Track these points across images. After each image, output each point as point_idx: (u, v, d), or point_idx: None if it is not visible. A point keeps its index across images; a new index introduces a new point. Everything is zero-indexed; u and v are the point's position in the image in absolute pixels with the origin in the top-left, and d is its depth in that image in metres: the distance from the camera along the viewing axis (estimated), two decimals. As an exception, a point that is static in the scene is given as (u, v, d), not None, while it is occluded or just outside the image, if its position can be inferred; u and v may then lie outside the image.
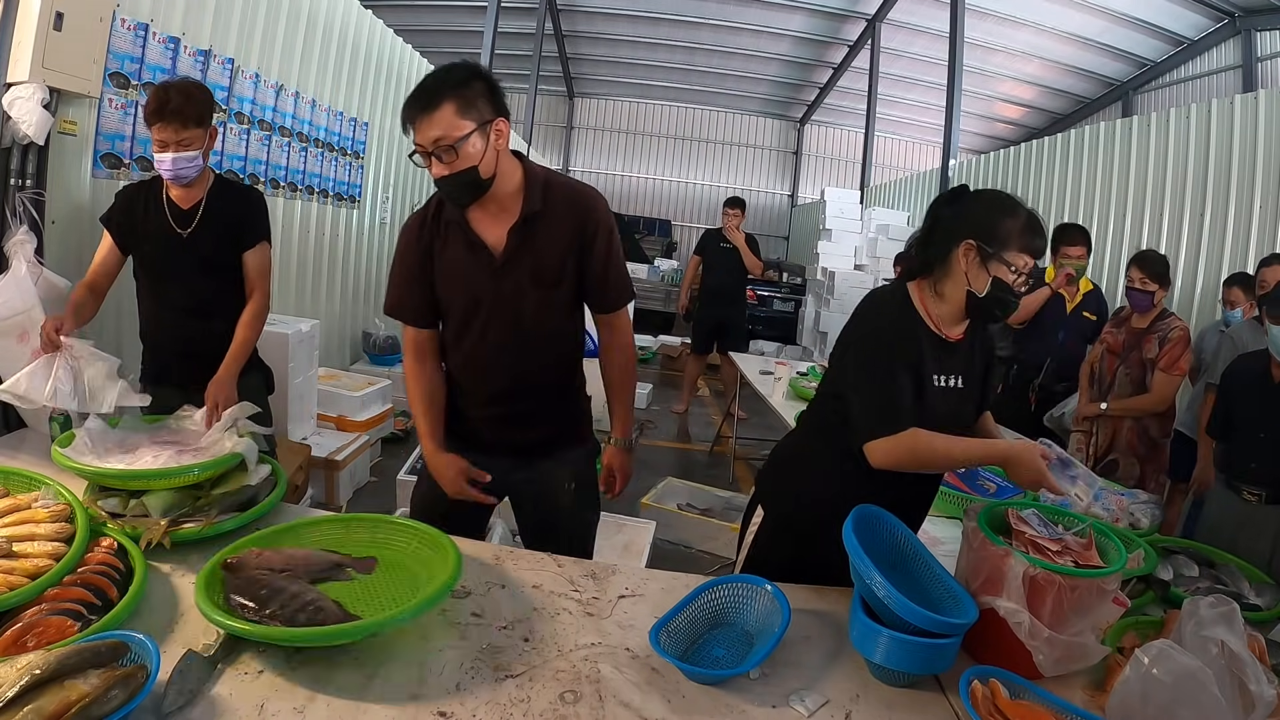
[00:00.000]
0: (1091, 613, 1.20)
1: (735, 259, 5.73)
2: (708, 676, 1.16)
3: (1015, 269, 1.38)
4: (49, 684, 0.88)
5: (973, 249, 1.39)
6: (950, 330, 1.46)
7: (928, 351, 1.43)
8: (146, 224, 2.02)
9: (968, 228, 1.41)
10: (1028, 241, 1.39)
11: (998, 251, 1.38)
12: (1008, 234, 1.38)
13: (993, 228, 1.39)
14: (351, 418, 3.87)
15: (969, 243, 1.39)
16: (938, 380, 1.43)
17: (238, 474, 1.55)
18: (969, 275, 1.40)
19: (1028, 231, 1.39)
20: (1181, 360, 2.85)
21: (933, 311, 1.46)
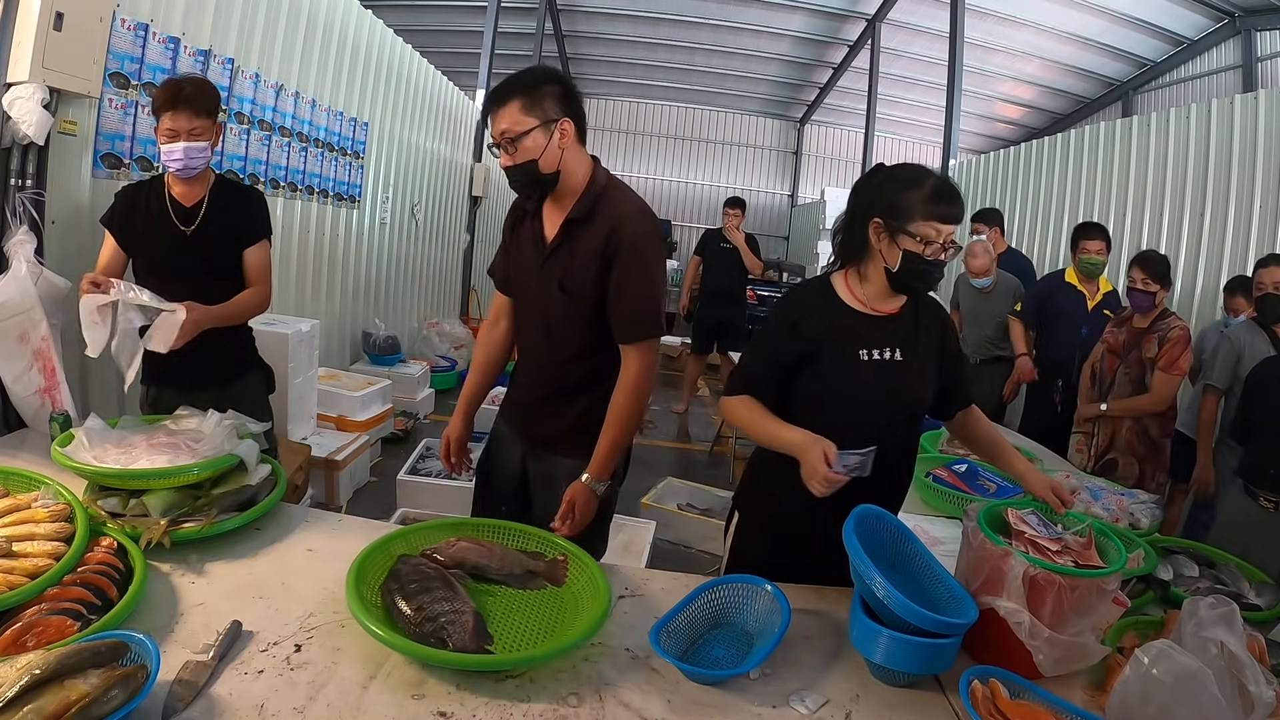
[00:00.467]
0: (1091, 613, 1.20)
1: (735, 259, 5.73)
2: (708, 676, 1.16)
3: (923, 238, 1.39)
4: (49, 684, 0.88)
5: (880, 226, 1.43)
6: (881, 306, 1.50)
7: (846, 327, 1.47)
8: (149, 223, 2.02)
9: (875, 206, 1.45)
10: (931, 210, 1.39)
11: (903, 225, 1.40)
12: (910, 206, 1.40)
13: (895, 203, 1.42)
14: (351, 418, 3.87)
15: (876, 221, 1.44)
16: (865, 354, 1.46)
17: (238, 474, 1.55)
18: (883, 253, 1.44)
19: (931, 200, 1.39)
20: (1181, 360, 2.85)
21: (857, 291, 1.50)
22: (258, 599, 1.26)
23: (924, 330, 1.52)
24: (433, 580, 1.23)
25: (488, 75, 7.81)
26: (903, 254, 1.40)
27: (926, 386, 1.53)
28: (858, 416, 1.44)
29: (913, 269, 1.41)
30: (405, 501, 3.08)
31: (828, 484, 1.30)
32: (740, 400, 1.50)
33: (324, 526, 1.57)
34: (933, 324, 1.54)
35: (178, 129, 1.93)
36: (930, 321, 1.54)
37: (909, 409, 1.52)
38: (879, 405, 1.45)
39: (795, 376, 1.48)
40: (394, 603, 1.19)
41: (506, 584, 1.34)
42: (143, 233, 2.01)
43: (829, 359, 1.45)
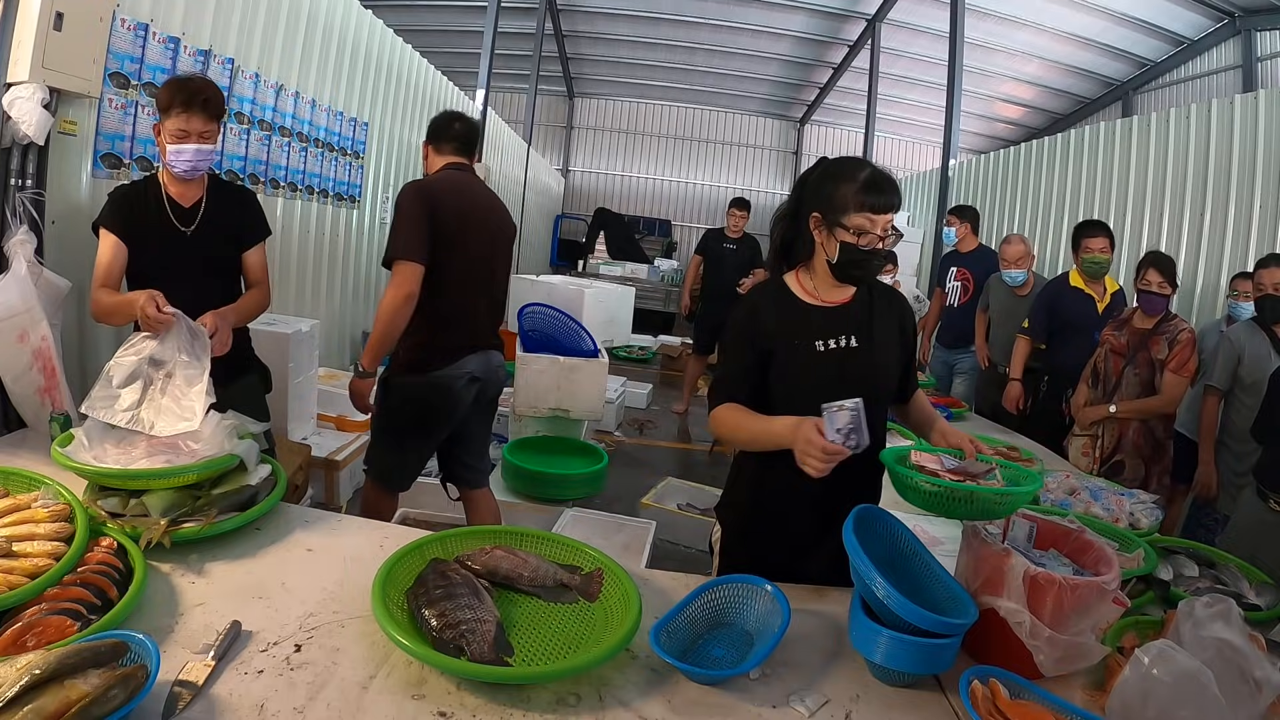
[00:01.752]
0: (1091, 613, 1.20)
1: (737, 259, 5.72)
2: (708, 676, 1.16)
3: (856, 229, 1.43)
4: (49, 684, 0.87)
5: (819, 220, 1.47)
6: (832, 296, 1.53)
7: (799, 322, 1.50)
8: (148, 224, 2.01)
9: (810, 204, 1.49)
10: (863, 200, 1.42)
11: (838, 218, 1.44)
12: (843, 199, 1.43)
13: (830, 197, 1.45)
14: (351, 418, 3.87)
15: (815, 216, 1.48)
16: (822, 345, 1.49)
17: (238, 474, 1.55)
18: (823, 246, 1.48)
19: (861, 191, 1.42)
20: (1190, 362, 2.87)
21: (807, 285, 1.54)
22: (258, 599, 1.26)
23: (879, 315, 1.56)
24: (459, 587, 1.22)
25: (488, 75, 7.81)
26: (840, 245, 1.45)
27: (888, 369, 1.57)
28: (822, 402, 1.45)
29: (850, 259, 1.45)
30: (405, 502, 3.08)
31: (826, 456, 1.27)
32: (724, 409, 1.51)
33: (324, 526, 1.57)
34: (889, 308, 1.59)
35: (190, 130, 1.93)
36: (885, 306, 1.58)
37: (874, 394, 1.51)
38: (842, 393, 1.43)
39: (763, 377, 1.51)
40: (417, 607, 1.19)
41: (537, 595, 1.32)
42: (143, 234, 2.00)
43: (787, 353, 1.49)
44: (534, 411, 3.07)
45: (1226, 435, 3.01)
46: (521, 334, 3.25)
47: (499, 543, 1.42)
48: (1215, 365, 2.99)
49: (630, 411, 5.87)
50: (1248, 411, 2.79)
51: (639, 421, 5.68)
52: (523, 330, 3.24)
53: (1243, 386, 2.92)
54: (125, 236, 1.99)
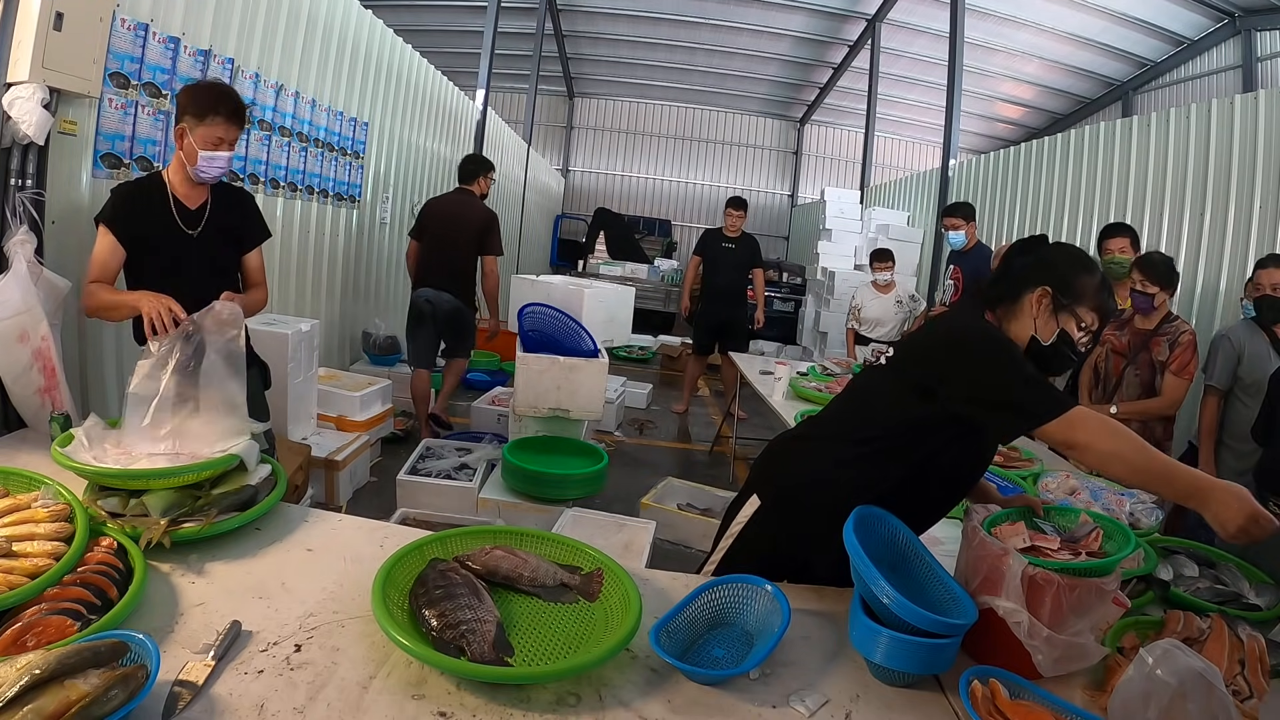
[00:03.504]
0: (1091, 613, 1.20)
1: (736, 258, 5.72)
2: (708, 676, 1.16)
3: (1084, 325, 1.40)
4: (49, 684, 0.87)
5: (1047, 296, 1.41)
6: None
7: None
8: (153, 224, 2.02)
9: (1044, 275, 1.42)
10: (1101, 301, 1.41)
11: (1071, 304, 1.40)
12: (1084, 289, 1.40)
13: (1071, 280, 1.41)
14: (351, 418, 3.87)
15: (1045, 289, 1.41)
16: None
17: (238, 474, 1.55)
18: (1037, 321, 1.42)
19: (1103, 290, 1.41)
20: (1191, 364, 2.86)
21: None
22: (258, 599, 1.26)
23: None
24: (459, 587, 1.22)
25: (488, 75, 7.81)
26: (1060, 332, 1.40)
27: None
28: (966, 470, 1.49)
29: (1059, 350, 1.41)
30: (405, 501, 3.08)
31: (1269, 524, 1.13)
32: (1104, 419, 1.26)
33: (324, 526, 1.57)
34: None
35: (223, 138, 1.99)
36: None
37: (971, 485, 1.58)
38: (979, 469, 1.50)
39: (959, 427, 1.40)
40: (418, 607, 1.19)
41: (538, 595, 1.32)
42: (148, 234, 2.02)
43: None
44: (534, 411, 3.07)
45: (1226, 435, 3.01)
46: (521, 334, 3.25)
47: (499, 543, 1.42)
48: (1215, 365, 2.99)
49: (630, 411, 5.87)
50: (1247, 412, 2.79)
51: (639, 421, 5.68)
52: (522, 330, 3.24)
53: (1242, 386, 2.92)
54: (128, 235, 2.00)
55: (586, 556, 1.42)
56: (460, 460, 3.40)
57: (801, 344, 9.33)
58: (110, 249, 1.99)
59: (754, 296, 5.98)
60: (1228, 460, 2.98)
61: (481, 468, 3.33)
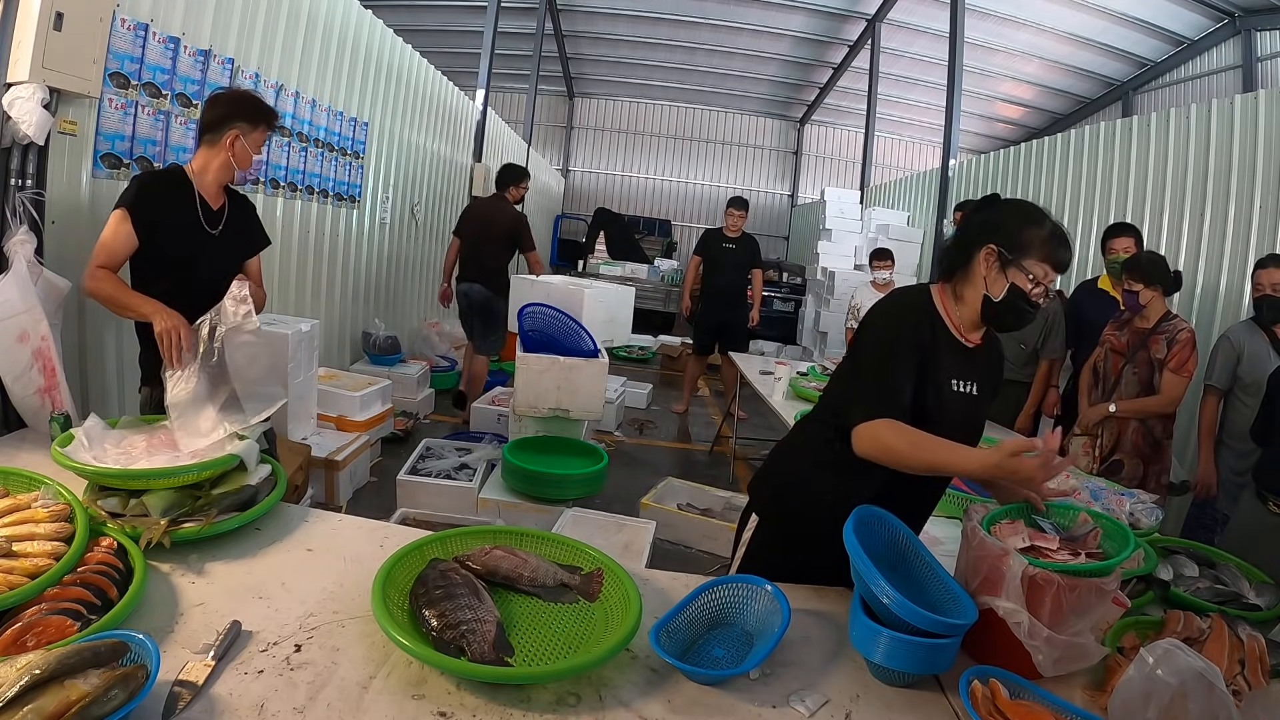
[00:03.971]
0: (1091, 613, 1.20)
1: (736, 259, 5.72)
2: (708, 676, 1.16)
3: (1034, 278, 1.38)
4: (49, 684, 0.87)
5: (993, 254, 1.41)
6: (970, 336, 1.48)
7: (947, 355, 1.44)
8: (177, 217, 2.04)
9: (990, 233, 1.42)
10: (1049, 251, 1.38)
11: (1017, 258, 1.39)
12: (1029, 241, 1.39)
13: (1015, 234, 1.40)
14: (351, 418, 3.87)
15: (990, 247, 1.41)
16: (955, 385, 1.44)
17: (237, 474, 1.55)
18: (987, 280, 1.42)
19: (1051, 241, 1.38)
20: (1190, 361, 2.86)
21: (953, 315, 1.47)
22: (258, 599, 1.26)
23: (994, 368, 1.54)
24: (459, 587, 1.22)
25: (488, 75, 7.81)
26: (1009, 286, 1.39)
27: (984, 421, 1.57)
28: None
29: (1013, 304, 1.40)
30: (405, 501, 3.08)
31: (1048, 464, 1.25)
32: (889, 425, 1.35)
33: (324, 526, 1.57)
34: (999, 362, 1.57)
35: (261, 144, 2.12)
36: (998, 359, 1.56)
37: (975, 441, 1.53)
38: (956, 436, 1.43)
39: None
40: (418, 607, 1.19)
41: (538, 596, 1.32)
42: (172, 227, 2.03)
43: (932, 386, 1.42)
44: (534, 411, 3.07)
45: (1226, 435, 3.01)
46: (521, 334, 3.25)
47: (499, 543, 1.42)
48: (1215, 365, 2.99)
49: (630, 411, 5.87)
50: (1247, 411, 2.79)
51: (639, 421, 5.68)
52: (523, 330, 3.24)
53: (1242, 386, 2.92)
54: (148, 224, 1.98)
55: (586, 556, 1.42)
56: (460, 460, 3.40)
57: (801, 344, 9.33)
58: (125, 236, 1.97)
59: (753, 297, 5.98)
60: (1228, 459, 2.98)
61: (481, 468, 3.32)
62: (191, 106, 2.95)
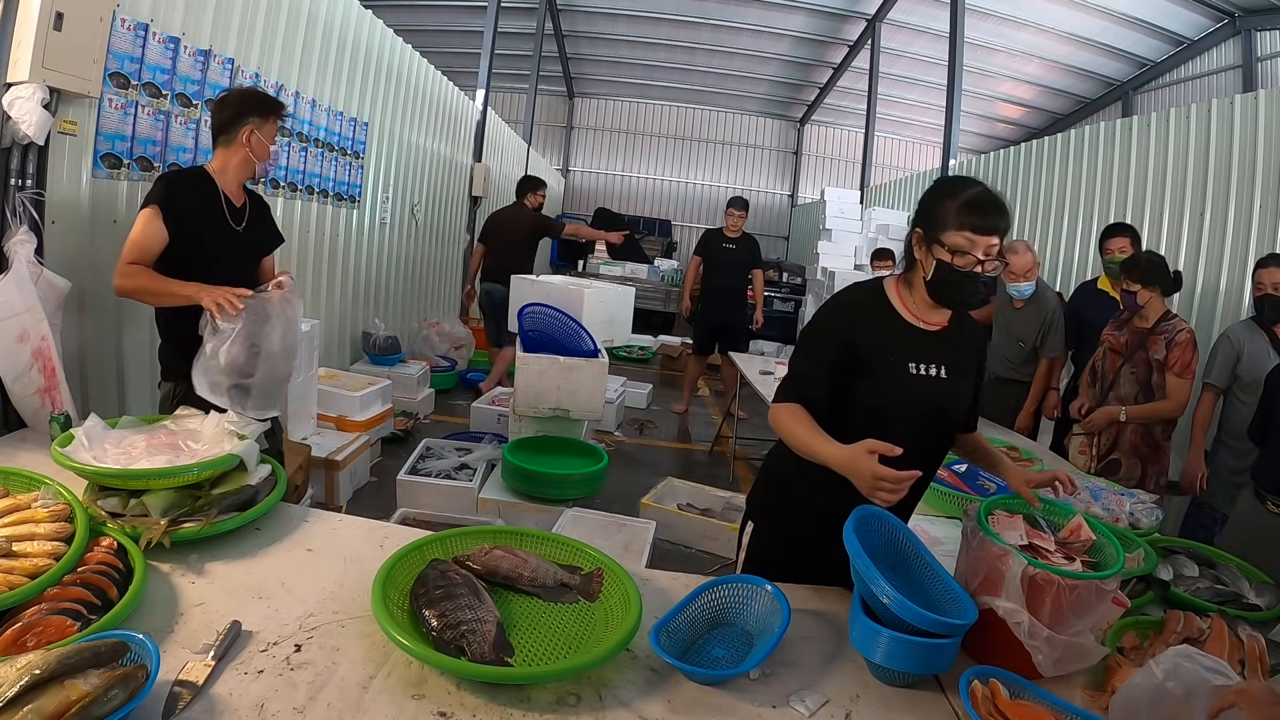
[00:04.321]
0: (1091, 613, 1.20)
1: (736, 259, 5.72)
2: (708, 676, 1.16)
3: (953, 248, 1.38)
4: (49, 684, 0.88)
5: (919, 236, 1.45)
6: (928, 319, 1.49)
7: (897, 338, 1.47)
8: (204, 214, 2.08)
9: (915, 218, 1.47)
10: (965, 218, 1.38)
11: (936, 234, 1.41)
12: (945, 216, 1.40)
13: (932, 212, 1.42)
14: (351, 418, 3.87)
15: (916, 231, 1.46)
16: (914, 368, 1.46)
17: (238, 474, 1.55)
18: (922, 263, 1.45)
19: (965, 210, 1.38)
20: (1193, 363, 2.86)
21: (908, 302, 1.50)
22: (258, 599, 1.26)
23: (966, 349, 1.53)
24: (459, 587, 1.22)
25: (488, 75, 7.81)
26: (936, 264, 1.40)
27: (963, 405, 1.55)
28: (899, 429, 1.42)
29: (944, 280, 1.40)
30: (405, 501, 3.08)
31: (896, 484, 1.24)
32: (788, 409, 1.44)
33: (324, 526, 1.57)
34: (972, 343, 1.56)
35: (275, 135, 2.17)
36: (970, 340, 1.55)
37: (949, 428, 1.53)
38: (921, 420, 1.46)
39: (847, 383, 1.45)
40: (418, 607, 1.19)
41: (538, 595, 1.32)
42: (199, 224, 2.06)
43: (882, 370, 1.44)
44: (534, 411, 3.07)
45: (1225, 434, 3.01)
46: (521, 334, 3.25)
47: (499, 543, 1.42)
48: (1215, 363, 2.99)
49: (630, 411, 5.87)
50: (1246, 410, 2.78)
51: (639, 421, 5.68)
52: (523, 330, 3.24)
53: (1241, 385, 2.92)
54: (177, 221, 2.01)
55: (586, 556, 1.42)
56: (460, 460, 3.40)
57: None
58: (155, 232, 1.99)
59: (754, 297, 5.98)
60: (1226, 459, 2.98)
61: (481, 468, 3.32)
62: (191, 106, 2.95)
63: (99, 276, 2.53)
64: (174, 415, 1.77)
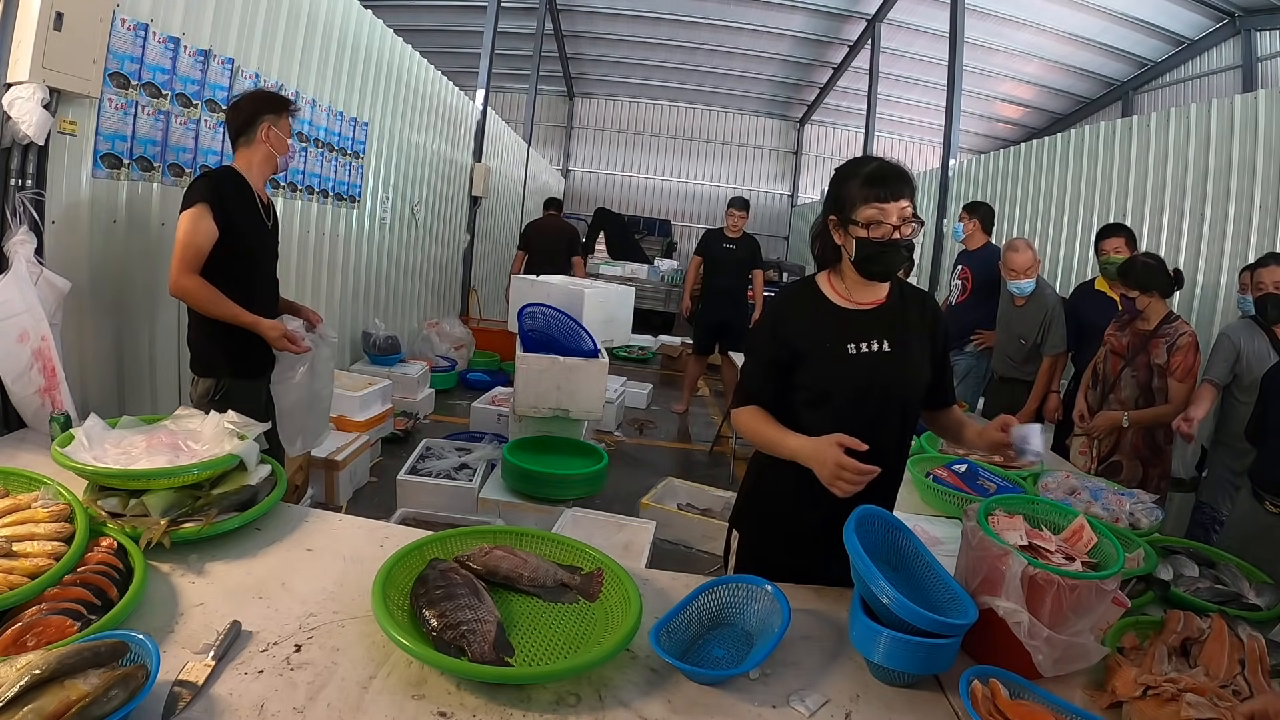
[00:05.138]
0: (1091, 613, 1.20)
1: (737, 259, 5.72)
2: (708, 677, 1.16)
3: (867, 222, 1.43)
4: (49, 684, 0.88)
5: (835, 223, 1.49)
6: (862, 299, 1.53)
7: (830, 324, 1.51)
8: (244, 211, 2.16)
9: (829, 205, 1.52)
10: (870, 193, 1.43)
11: (849, 215, 1.46)
12: (851, 196, 1.46)
13: (840, 197, 1.48)
14: (351, 418, 3.87)
15: (831, 219, 1.50)
16: (854, 347, 1.49)
17: (238, 474, 1.55)
18: (844, 247, 1.49)
19: (868, 183, 1.44)
20: (1195, 366, 2.85)
21: (839, 288, 1.54)
22: (258, 599, 1.26)
23: (913, 322, 1.55)
24: (459, 587, 1.22)
25: (488, 75, 7.80)
26: (856, 242, 1.45)
27: (918, 376, 1.55)
28: (853, 410, 1.46)
29: (867, 254, 1.45)
30: (405, 501, 3.08)
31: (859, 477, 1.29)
32: (746, 412, 1.53)
33: (324, 526, 1.57)
34: (922, 312, 1.57)
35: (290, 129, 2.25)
36: (918, 310, 1.57)
37: (902, 399, 1.53)
38: (873, 396, 1.48)
39: (790, 376, 1.51)
40: (418, 607, 1.19)
41: (538, 595, 1.32)
42: (242, 220, 2.14)
43: (819, 355, 1.48)
44: (534, 411, 3.07)
45: (1223, 434, 3.00)
46: (521, 334, 3.25)
47: (499, 543, 1.42)
48: (1215, 360, 2.96)
49: (630, 411, 5.86)
50: (1245, 410, 2.78)
51: (639, 421, 5.67)
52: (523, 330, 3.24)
53: (1240, 386, 2.91)
54: (225, 217, 2.08)
55: (586, 556, 1.42)
56: (460, 460, 3.40)
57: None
58: (207, 229, 2.05)
59: (754, 297, 5.98)
60: (1225, 459, 2.98)
61: (481, 468, 3.32)
62: (191, 106, 2.95)
63: (99, 276, 2.53)
64: (174, 415, 1.77)
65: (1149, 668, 1.25)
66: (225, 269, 2.09)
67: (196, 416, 1.69)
